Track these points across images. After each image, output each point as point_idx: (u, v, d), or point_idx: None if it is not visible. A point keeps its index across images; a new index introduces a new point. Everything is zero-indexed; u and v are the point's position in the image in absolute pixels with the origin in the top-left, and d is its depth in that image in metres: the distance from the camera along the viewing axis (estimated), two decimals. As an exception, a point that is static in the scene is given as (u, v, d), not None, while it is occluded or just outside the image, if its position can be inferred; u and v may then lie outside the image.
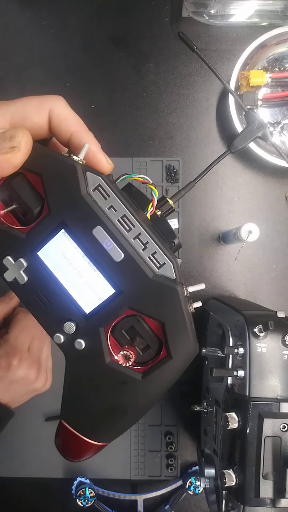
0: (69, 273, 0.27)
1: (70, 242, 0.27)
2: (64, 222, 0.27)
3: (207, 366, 0.54)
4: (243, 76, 0.57)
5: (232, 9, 0.58)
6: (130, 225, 0.26)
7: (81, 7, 0.62)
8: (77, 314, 0.28)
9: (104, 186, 0.26)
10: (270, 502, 0.38)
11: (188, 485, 0.57)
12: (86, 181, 0.26)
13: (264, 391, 0.40)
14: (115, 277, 0.26)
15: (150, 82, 0.62)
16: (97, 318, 0.27)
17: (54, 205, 0.27)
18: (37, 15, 0.62)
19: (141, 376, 0.28)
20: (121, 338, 0.28)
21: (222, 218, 0.61)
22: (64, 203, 0.26)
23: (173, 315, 0.26)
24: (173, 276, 0.26)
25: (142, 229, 0.26)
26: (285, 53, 0.59)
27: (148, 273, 0.26)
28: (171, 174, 0.60)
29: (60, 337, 0.28)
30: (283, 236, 0.61)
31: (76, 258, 0.27)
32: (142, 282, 0.26)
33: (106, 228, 0.26)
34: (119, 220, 0.26)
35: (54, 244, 0.27)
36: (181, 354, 0.27)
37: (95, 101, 0.62)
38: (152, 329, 0.27)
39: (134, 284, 0.26)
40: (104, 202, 0.26)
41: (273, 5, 0.58)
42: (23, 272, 0.28)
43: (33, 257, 0.28)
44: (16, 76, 0.62)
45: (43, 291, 0.28)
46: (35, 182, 0.27)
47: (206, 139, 0.62)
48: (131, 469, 0.59)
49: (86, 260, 0.27)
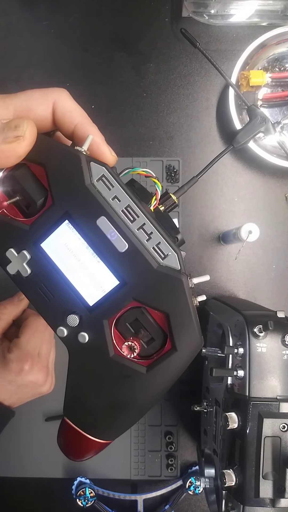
0: (72, 265, 0.27)
1: (73, 233, 0.27)
2: (68, 212, 0.26)
3: (207, 366, 0.54)
4: (243, 76, 0.57)
5: (232, 9, 0.58)
6: (134, 215, 0.26)
7: (81, 7, 0.62)
8: (81, 307, 0.27)
9: (108, 176, 0.26)
10: (270, 502, 0.38)
11: (188, 485, 0.57)
12: (90, 171, 0.26)
13: (264, 391, 0.40)
14: (119, 268, 0.26)
15: (150, 82, 0.62)
16: (101, 311, 0.27)
17: (57, 196, 0.26)
18: (37, 15, 0.62)
19: (146, 369, 0.27)
20: (125, 330, 0.27)
21: (222, 218, 0.61)
22: (68, 194, 0.26)
23: (178, 306, 0.26)
24: (177, 267, 0.26)
25: (147, 220, 0.26)
26: (285, 53, 0.59)
27: (153, 264, 0.26)
28: (171, 174, 0.60)
29: (63, 330, 0.28)
30: (283, 236, 0.61)
31: (80, 249, 0.27)
32: (146, 273, 0.26)
33: (110, 219, 0.26)
34: (123, 211, 0.26)
35: (57, 236, 0.27)
36: (186, 346, 0.26)
37: (95, 101, 0.62)
38: (157, 321, 0.27)
39: (138, 275, 0.26)
40: (108, 193, 0.26)
41: (273, 5, 0.58)
42: (26, 264, 0.28)
43: (36, 249, 0.27)
44: (16, 76, 0.62)
45: (46, 284, 0.28)
46: (38, 173, 0.27)
47: (206, 139, 0.62)
48: (131, 469, 0.59)
49: (90, 251, 0.27)
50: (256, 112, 0.33)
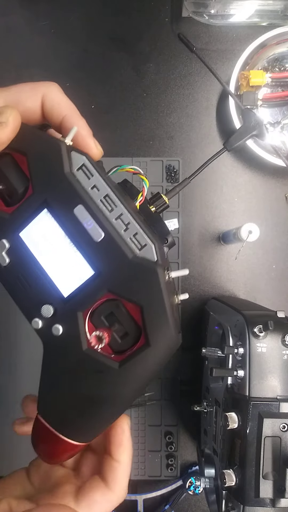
0: (49, 255, 0.27)
1: (52, 222, 0.26)
2: (47, 201, 0.26)
3: (207, 366, 0.54)
4: (243, 76, 0.57)
5: (232, 9, 0.58)
6: (112, 205, 0.25)
7: (81, 7, 0.62)
8: (56, 298, 0.27)
9: (88, 165, 0.25)
10: (270, 502, 0.38)
11: (188, 485, 0.57)
12: (70, 160, 0.25)
13: (264, 391, 0.40)
14: (95, 258, 0.25)
15: (150, 82, 0.62)
16: (76, 302, 0.26)
17: (37, 184, 0.26)
18: (37, 15, 0.62)
19: (118, 364, 0.26)
20: (99, 324, 0.26)
21: (222, 218, 0.61)
22: (47, 182, 0.26)
23: (152, 298, 0.25)
24: (154, 258, 0.25)
25: (125, 210, 0.25)
26: (285, 53, 0.59)
27: (128, 254, 0.25)
28: (171, 174, 0.60)
29: (38, 322, 0.27)
30: (283, 236, 0.61)
31: (57, 238, 0.26)
32: (121, 263, 0.25)
33: (87, 207, 0.25)
34: (102, 200, 0.25)
35: (36, 224, 0.27)
36: (160, 342, 0.25)
37: (95, 101, 0.62)
38: (132, 315, 0.26)
39: (113, 265, 0.25)
40: (87, 182, 0.25)
41: (273, 5, 0.58)
42: (4, 253, 0.27)
43: (16, 238, 0.27)
44: (16, 76, 0.62)
45: (24, 274, 0.27)
46: (21, 162, 0.27)
47: (206, 139, 0.62)
48: (131, 469, 0.59)
49: (67, 240, 0.26)
50: (250, 115, 0.33)
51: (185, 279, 0.61)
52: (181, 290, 0.60)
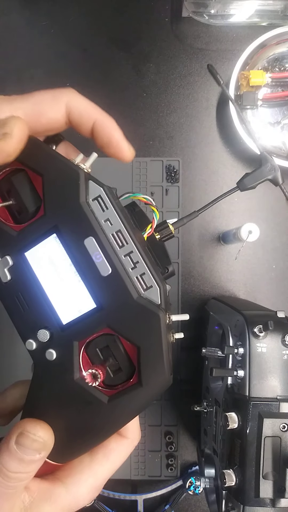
0: (53, 280, 0.27)
1: (59, 248, 0.26)
2: (57, 226, 0.26)
3: (207, 366, 0.54)
4: (243, 76, 0.57)
5: (232, 9, 0.58)
6: (123, 241, 0.25)
7: (81, 7, 0.62)
8: (54, 323, 0.27)
9: (104, 197, 0.25)
10: (270, 502, 0.38)
11: (188, 485, 0.57)
12: (87, 190, 0.25)
13: (264, 391, 0.40)
14: (99, 292, 0.26)
15: (150, 82, 0.62)
16: (73, 331, 0.26)
17: (50, 207, 0.26)
18: (37, 15, 0.62)
19: (108, 399, 0.26)
20: (94, 356, 0.27)
21: (222, 218, 0.61)
22: (61, 208, 0.26)
23: (150, 341, 0.25)
24: (158, 301, 0.25)
25: (135, 248, 0.25)
26: (285, 53, 0.59)
27: (133, 293, 0.25)
28: (171, 174, 0.60)
29: (32, 343, 0.27)
30: (283, 236, 0.61)
31: (63, 265, 0.26)
32: (125, 302, 0.25)
33: (98, 240, 0.25)
34: (113, 235, 0.25)
35: (43, 247, 0.27)
36: (152, 384, 0.25)
37: (95, 101, 0.61)
38: (128, 352, 0.26)
39: (116, 302, 0.25)
40: (101, 214, 0.25)
41: (273, 5, 0.58)
42: (7, 270, 0.27)
43: (20, 257, 0.27)
44: (16, 76, 0.62)
45: (24, 294, 0.27)
46: (36, 181, 0.27)
47: (206, 139, 0.62)
48: (131, 469, 0.59)
49: (73, 269, 0.26)
50: (267, 160, 0.33)
51: (185, 279, 0.61)
52: (181, 290, 0.60)
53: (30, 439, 0.25)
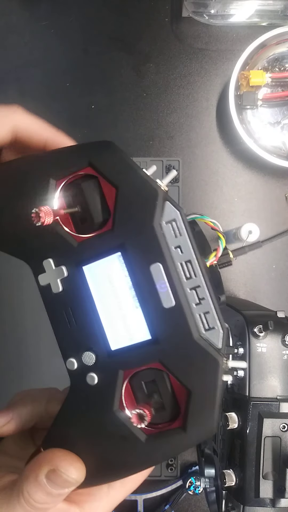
0: (108, 300, 0.25)
1: (122, 268, 0.24)
2: (124, 245, 0.24)
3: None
4: (243, 76, 0.57)
5: (232, 9, 0.58)
6: (192, 273, 0.23)
7: (81, 7, 0.62)
8: (101, 347, 0.25)
9: (179, 222, 0.23)
10: (270, 502, 0.38)
11: (188, 485, 0.57)
12: (163, 211, 0.23)
13: (264, 391, 0.40)
14: (156, 323, 0.24)
15: (150, 82, 0.62)
16: (121, 359, 0.25)
17: (120, 224, 0.24)
18: (37, 15, 0.62)
19: (146, 438, 0.24)
20: (138, 388, 0.25)
21: (222, 218, 0.61)
22: (131, 226, 0.24)
23: (204, 388, 0.23)
24: (219, 345, 0.23)
25: (203, 282, 0.23)
26: (285, 53, 0.59)
27: (194, 333, 0.23)
28: (171, 174, 0.60)
29: (73, 363, 0.25)
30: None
31: (122, 287, 0.24)
32: (183, 340, 0.23)
33: (166, 268, 0.23)
34: (182, 264, 0.23)
35: (104, 264, 0.25)
36: (197, 431, 0.23)
37: (95, 101, 0.62)
38: (175, 392, 0.24)
39: (174, 338, 0.23)
40: (173, 240, 0.23)
41: (273, 5, 0.58)
42: (60, 281, 0.25)
43: (77, 270, 0.25)
44: (16, 76, 0.62)
45: (74, 309, 0.25)
46: (108, 192, 0.25)
47: (206, 139, 0.62)
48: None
49: (132, 293, 0.24)
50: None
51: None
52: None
53: (63, 478, 0.24)
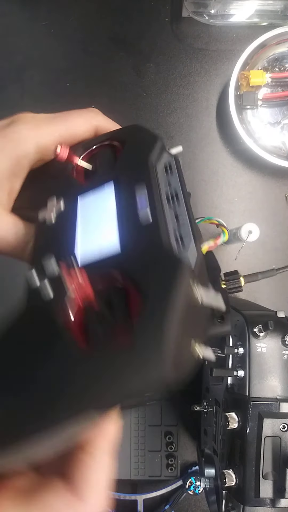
0: (90, 222, 0.25)
1: (111, 194, 0.25)
2: (118, 176, 0.26)
3: (207, 366, 0.54)
4: (243, 76, 0.57)
5: (232, 9, 0.58)
6: (176, 203, 0.23)
7: (81, 7, 0.62)
8: (68, 259, 0.24)
9: (173, 166, 0.25)
10: (270, 502, 0.38)
11: (188, 485, 0.57)
12: (161, 155, 0.26)
13: (264, 391, 0.40)
14: (130, 240, 0.22)
15: (150, 82, 0.62)
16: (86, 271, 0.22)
17: (120, 164, 0.27)
18: (37, 15, 0.62)
19: (85, 352, 0.19)
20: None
21: (222, 218, 0.61)
22: (129, 164, 0.26)
23: (161, 294, 0.18)
24: (191, 266, 0.20)
25: (185, 212, 0.23)
26: (285, 53, 0.59)
27: (165, 245, 0.21)
28: (171, 174, 0.60)
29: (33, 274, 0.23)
30: (283, 236, 0.61)
31: (106, 210, 0.25)
32: (152, 253, 0.21)
33: (149, 190, 0.23)
34: (167, 193, 0.24)
35: (97, 193, 0.26)
36: (147, 351, 0.18)
37: (95, 101, 0.62)
38: (129, 306, 0.20)
39: (143, 253, 0.21)
40: (163, 177, 0.24)
41: (273, 5, 0.58)
42: (54, 213, 0.27)
43: (73, 201, 0.26)
44: (16, 76, 0.62)
45: (60, 235, 0.26)
46: (118, 150, 0.28)
47: (206, 139, 0.62)
48: (131, 469, 0.59)
49: (114, 215, 0.24)
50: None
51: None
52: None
53: None
